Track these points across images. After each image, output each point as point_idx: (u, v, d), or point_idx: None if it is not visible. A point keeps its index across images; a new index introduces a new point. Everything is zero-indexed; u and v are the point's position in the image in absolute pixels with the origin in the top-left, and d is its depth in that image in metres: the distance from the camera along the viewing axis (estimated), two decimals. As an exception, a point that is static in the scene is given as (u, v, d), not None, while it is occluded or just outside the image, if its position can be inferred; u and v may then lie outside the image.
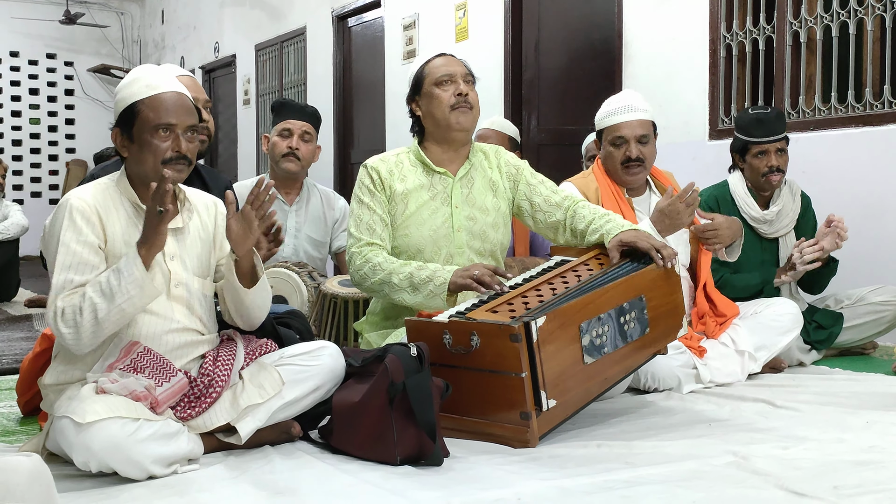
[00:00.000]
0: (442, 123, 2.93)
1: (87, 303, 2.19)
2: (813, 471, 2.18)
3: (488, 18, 6.46)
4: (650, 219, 3.16)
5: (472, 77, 2.99)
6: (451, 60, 2.98)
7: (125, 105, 2.35)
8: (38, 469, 1.51)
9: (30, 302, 6.41)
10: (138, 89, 2.35)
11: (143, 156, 2.34)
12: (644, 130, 3.36)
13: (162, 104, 2.34)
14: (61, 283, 2.24)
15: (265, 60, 9.98)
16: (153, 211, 2.19)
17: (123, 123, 2.36)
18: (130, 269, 2.19)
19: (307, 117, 4.03)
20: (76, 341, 2.22)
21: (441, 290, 2.71)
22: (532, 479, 2.14)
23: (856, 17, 4.34)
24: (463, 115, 2.92)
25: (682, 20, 5.07)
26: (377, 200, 2.92)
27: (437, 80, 2.93)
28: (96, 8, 12.88)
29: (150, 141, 2.33)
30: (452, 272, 2.72)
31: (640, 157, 3.34)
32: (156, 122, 2.32)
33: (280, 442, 2.46)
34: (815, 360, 3.68)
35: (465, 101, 2.91)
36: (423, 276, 2.75)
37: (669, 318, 2.80)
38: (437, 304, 2.71)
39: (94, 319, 2.19)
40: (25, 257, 7.77)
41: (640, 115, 3.36)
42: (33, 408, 2.85)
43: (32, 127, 12.73)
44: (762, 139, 3.63)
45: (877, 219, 4.19)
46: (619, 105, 3.39)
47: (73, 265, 2.25)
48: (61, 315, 2.21)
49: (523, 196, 3.02)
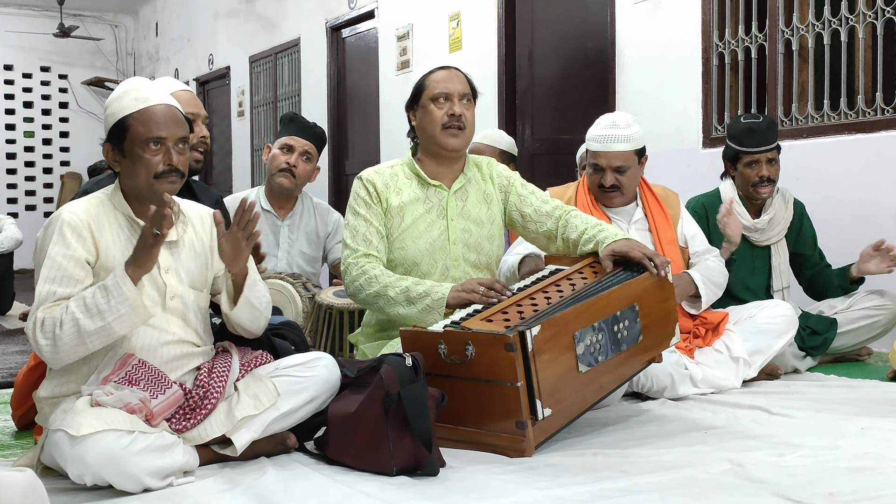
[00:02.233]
0: (432, 140, 2.94)
1: (69, 317, 2.18)
2: (808, 478, 2.18)
3: (482, 28, 6.48)
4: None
5: (471, 95, 2.97)
6: (453, 76, 2.96)
7: (115, 119, 2.34)
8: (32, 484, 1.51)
9: (24, 315, 6.39)
10: (127, 103, 2.34)
11: (136, 170, 2.33)
12: (621, 162, 3.32)
13: (152, 117, 2.32)
14: (44, 294, 2.24)
15: (259, 72, 9.99)
16: (149, 232, 2.18)
17: (114, 138, 2.35)
18: (119, 288, 2.18)
19: (312, 137, 3.99)
20: (53, 353, 2.21)
21: (438, 304, 2.70)
22: (528, 488, 2.14)
23: (847, 25, 4.36)
24: (452, 138, 2.91)
25: (675, 29, 5.09)
26: (373, 212, 2.91)
27: (434, 95, 2.92)
28: (90, 21, 12.89)
29: (141, 155, 2.32)
30: (450, 288, 2.72)
31: (615, 185, 3.35)
32: (146, 136, 2.31)
33: (276, 453, 2.45)
34: (810, 367, 3.68)
35: (456, 121, 2.90)
36: (419, 290, 2.75)
37: (663, 325, 2.80)
38: (433, 319, 2.70)
39: (76, 334, 2.17)
40: (20, 270, 7.74)
41: (621, 146, 3.31)
42: (28, 421, 2.84)
43: (27, 140, 12.72)
44: (753, 149, 3.64)
45: (869, 225, 4.19)
46: (602, 133, 3.35)
47: (58, 278, 2.25)
48: (41, 326, 2.20)
49: (514, 207, 3.02)
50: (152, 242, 2.18)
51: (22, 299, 7.26)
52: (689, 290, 3.30)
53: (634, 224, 3.39)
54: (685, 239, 3.46)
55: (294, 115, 4.14)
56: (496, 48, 6.35)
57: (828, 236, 3.98)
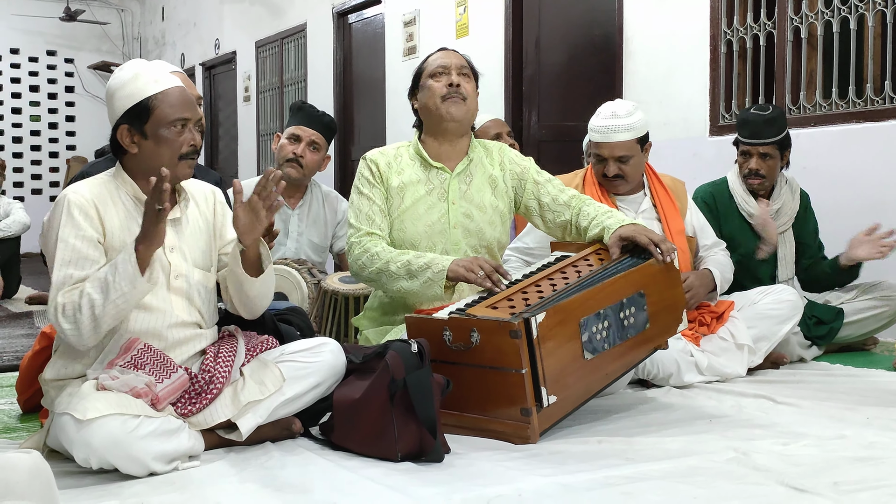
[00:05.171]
0: (434, 114, 2.93)
1: (86, 299, 2.18)
2: (813, 467, 2.18)
3: (489, 14, 6.46)
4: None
5: (469, 70, 2.98)
6: (449, 53, 3.00)
7: (135, 101, 2.31)
8: (38, 466, 1.51)
9: (31, 299, 6.41)
10: (146, 84, 2.32)
11: (160, 151, 2.32)
12: (623, 152, 3.32)
13: (175, 98, 2.33)
14: (61, 278, 2.24)
15: (265, 57, 9.97)
16: (150, 207, 2.18)
17: (133, 119, 2.32)
18: (125, 265, 2.18)
19: (320, 127, 3.95)
20: (77, 336, 2.22)
21: (439, 277, 2.69)
22: (533, 475, 2.14)
23: (857, 13, 4.33)
24: (454, 106, 2.90)
25: (683, 16, 5.06)
26: (376, 192, 2.91)
27: (433, 71, 2.94)
28: (96, 5, 12.87)
29: (166, 136, 2.31)
30: (452, 261, 2.71)
31: (618, 175, 3.34)
32: (173, 118, 2.31)
33: (281, 438, 2.46)
34: (816, 356, 3.67)
35: (456, 91, 2.90)
36: (420, 263, 2.74)
37: (669, 312, 2.79)
38: (434, 292, 2.70)
39: (92, 315, 2.18)
40: (26, 254, 7.77)
41: (621, 136, 3.30)
42: (33, 405, 2.85)
43: (33, 124, 12.73)
44: (745, 140, 3.66)
45: (877, 214, 4.17)
46: (602, 124, 3.34)
47: (73, 260, 2.25)
48: (62, 311, 2.20)
49: (531, 195, 3.01)
50: (157, 218, 2.17)
51: (28, 283, 7.28)
52: (710, 286, 3.33)
53: (642, 213, 3.38)
54: (693, 229, 3.45)
55: (303, 103, 4.10)
56: (503, 34, 6.33)
57: (834, 225, 3.97)
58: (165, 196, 2.15)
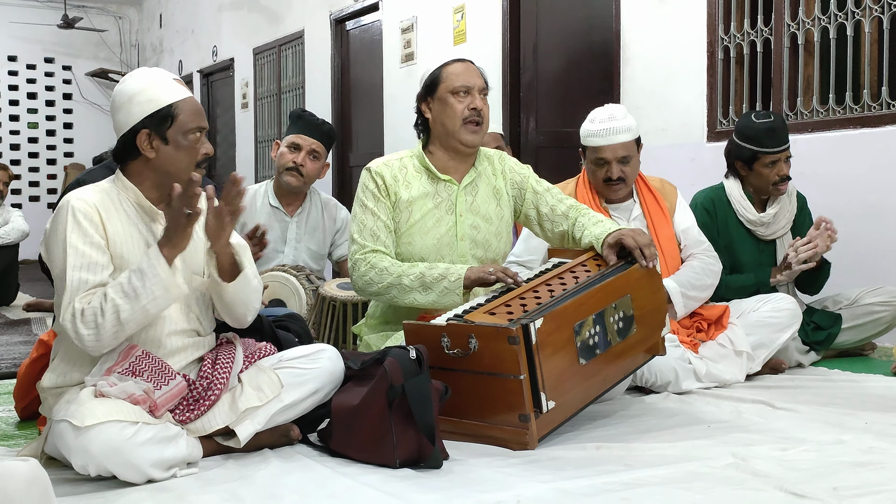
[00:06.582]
0: (451, 135, 2.91)
1: (110, 304, 2.18)
2: (812, 472, 2.18)
3: (486, 21, 6.47)
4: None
5: (487, 90, 2.97)
6: (471, 70, 2.94)
7: (158, 105, 2.31)
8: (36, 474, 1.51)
9: (28, 306, 6.40)
10: (166, 91, 2.34)
11: (179, 156, 2.34)
12: (626, 152, 3.35)
13: (193, 107, 2.37)
14: (76, 284, 2.23)
15: (263, 64, 9.97)
16: (179, 212, 2.20)
17: (156, 124, 2.32)
18: (154, 269, 2.19)
19: (320, 135, 3.96)
20: (96, 342, 2.21)
21: (456, 286, 2.71)
22: (531, 481, 2.14)
23: (853, 19, 4.34)
24: (472, 134, 2.90)
25: (680, 22, 5.07)
26: (381, 206, 2.89)
27: (455, 88, 2.89)
28: (94, 12, 12.88)
29: (186, 144, 2.34)
30: (467, 268, 2.73)
31: (621, 177, 3.36)
32: (195, 125, 2.35)
33: (279, 445, 2.46)
34: (814, 362, 3.67)
35: (477, 115, 2.89)
36: (435, 274, 2.75)
37: (654, 316, 2.81)
38: (452, 301, 2.71)
39: (117, 320, 2.18)
40: (24, 261, 7.77)
41: (623, 136, 3.34)
42: (31, 413, 2.84)
43: (30, 131, 12.73)
44: (774, 149, 3.58)
45: (875, 220, 4.19)
46: (601, 127, 3.36)
47: (86, 265, 2.24)
48: (81, 316, 2.19)
49: (530, 205, 3.01)
50: (186, 222, 2.21)
51: (26, 290, 7.28)
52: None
53: (634, 221, 3.40)
54: (677, 231, 3.46)
55: (302, 111, 4.10)
56: (501, 41, 6.33)
57: (832, 230, 3.96)
58: (196, 201, 2.17)
